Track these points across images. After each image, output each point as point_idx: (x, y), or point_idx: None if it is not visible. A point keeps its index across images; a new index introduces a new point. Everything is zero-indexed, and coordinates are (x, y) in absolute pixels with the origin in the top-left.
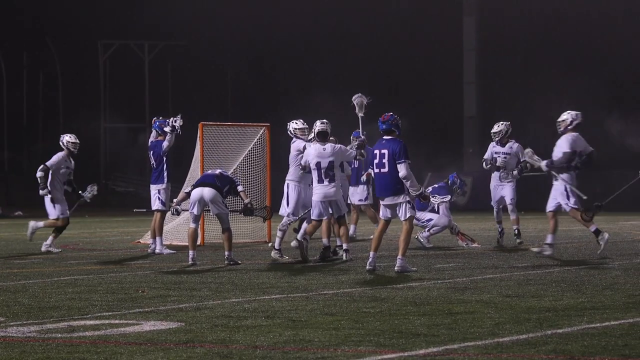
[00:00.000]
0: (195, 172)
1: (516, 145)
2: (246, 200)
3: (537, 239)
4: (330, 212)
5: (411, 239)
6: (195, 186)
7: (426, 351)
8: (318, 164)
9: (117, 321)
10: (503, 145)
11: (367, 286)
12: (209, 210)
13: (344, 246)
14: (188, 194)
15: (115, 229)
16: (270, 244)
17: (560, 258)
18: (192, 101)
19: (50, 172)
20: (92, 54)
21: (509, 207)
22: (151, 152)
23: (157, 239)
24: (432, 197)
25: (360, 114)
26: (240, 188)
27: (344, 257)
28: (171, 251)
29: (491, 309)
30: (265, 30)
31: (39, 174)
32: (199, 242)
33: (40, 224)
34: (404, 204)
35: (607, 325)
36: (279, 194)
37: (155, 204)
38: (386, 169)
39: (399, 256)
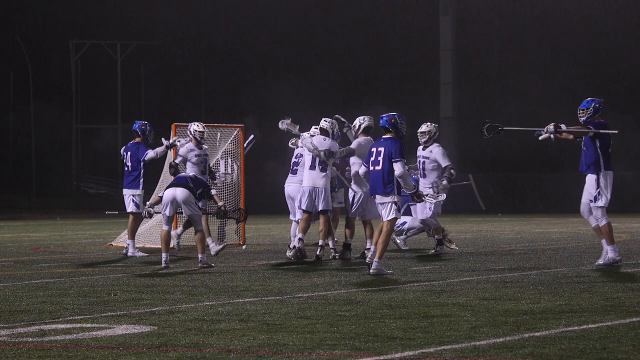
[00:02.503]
0: (167, 174)
1: (437, 149)
2: (220, 203)
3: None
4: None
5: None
6: (167, 187)
7: (402, 355)
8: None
9: (89, 325)
10: (424, 149)
11: (342, 289)
12: (182, 212)
13: (320, 242)
14: (161, 198)
15: (87, 232)
16: (244, 246)
17: (538, 260)
18: (165, 101)
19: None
20: (64, 53)
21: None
22: (128, 153)
23: (130, 241)
24: (425, 196)
25: (296, 130)
26: (213, 192)
27: (317, 252)
28: (144, 254)
29: (468, 312)
30: (240, 30)
31: (171, 170)
32: (172, 245)
33: (179, 230)
34: (390, 204)
35: (585, 328)
36: (252, 196)
37: (130, 206)
38: (380, 167)
39: (376, 258)
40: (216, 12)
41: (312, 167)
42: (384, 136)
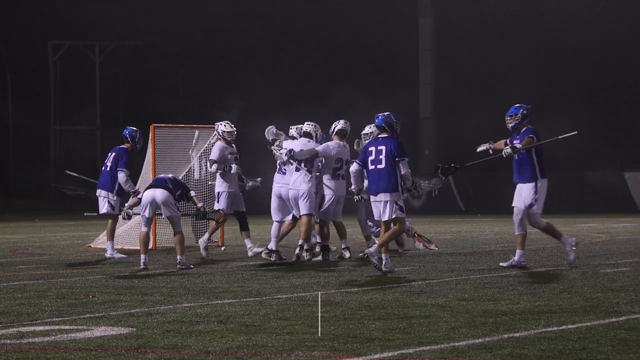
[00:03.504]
0: (147, 175)
1: None
2: (199, 205)
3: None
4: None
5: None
6: (146, 188)
7: (381, 356)
8: (340, 160)
9: (67, 327)
10: None
11: (321, 290)
12: (161, 213)
13: (300, 241)
14: (140, 199)
15: (66, 233)
16: (223, 248)
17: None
18: (144, 102)
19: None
20: (42, 54)
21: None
22: (112, 154)
23: (109, 243)
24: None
25: (281, 139)
26: (192, 193)
27: (297, 252)
28: (122, 255)
29: (447, 313)
30: (219, 30)
31: (216, 169)
32: (150, 246)
33: (205, 237)
34: (391, 202)
35: (564, 328)
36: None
37: (105, 207)
38: (382, 165)
39: (384, 255)
40: (195, 12)
41: (297, 170)
42: (380, 135)
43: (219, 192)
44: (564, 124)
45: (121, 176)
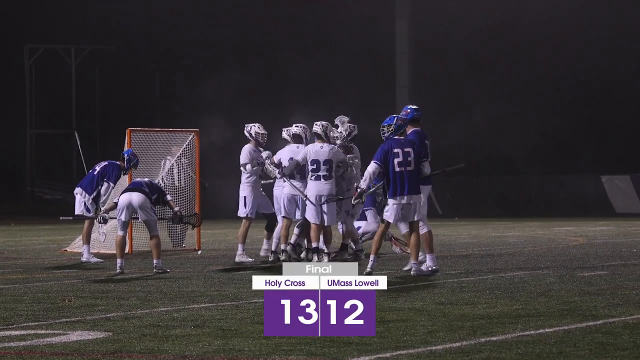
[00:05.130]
0: (123, 179)
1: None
2: (175, 209)
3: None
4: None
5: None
6: (123, 192)
7: None
8: (317, 161)
9: (43, 331)
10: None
11: None
12: (137, 217)
13: (282, 246)
14: (116, 204)
15: (42, 237)
16: (200, 252)
17: (494, 265)
18: (120, 106)
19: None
20: (18, 58)
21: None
22: (104, 164)
23: (85, 246)
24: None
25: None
26: (168, 197)
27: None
28: (98, 260)
29: (424, 317)
30: (195, 34)
31: (251, 169)
32: (127, 250)
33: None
34: (418, 204)
35: (542, 332)
36: (207, 200)
37: (80, 208)
38: (412, 167)
39: (413, 260)
40: (172, 15)
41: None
42: (396, 137)
43: (245, 196)
44: (541, 129)
45: (105, 187)
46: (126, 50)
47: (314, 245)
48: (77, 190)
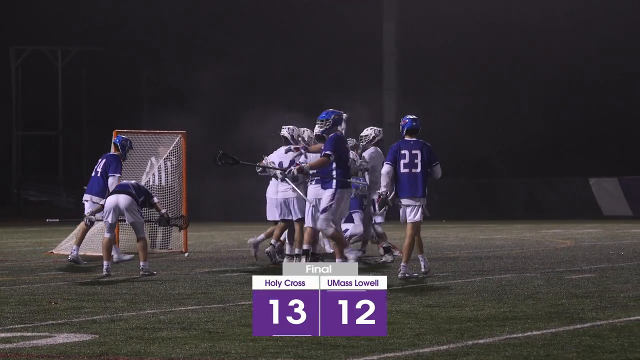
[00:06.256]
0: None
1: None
2: (162, 211)
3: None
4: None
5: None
6: (110, 194)
7: None
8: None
9: (29, 334)
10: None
11: None
12: (124, 220)
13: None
14: (103, 206)
15: (28, 240)
16: (187, 254)
17: (482, 267)
18: (107, 108)
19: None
20: (4, 60)
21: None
22: (103, 161)
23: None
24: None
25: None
26: (155, 200)
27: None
28: (128, 257)
29: (411, 319)
30: (181, 35)
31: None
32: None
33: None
34: (420, 207)
35: (529, 335)
36: (194, 203)
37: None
38: (419, 170)
39: (403, 263)
40: (158, 16)
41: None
42: (407, 138)
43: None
44: (529, 131)
45: (112, 180)
46: (113, 52)
47: (305, 247)
48: (86, 197)
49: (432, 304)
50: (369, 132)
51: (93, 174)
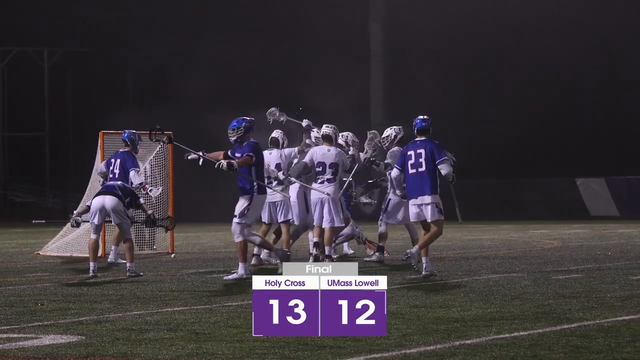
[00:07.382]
0: (95, 182)
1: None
2: (149, 212)
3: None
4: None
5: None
6: (96, 195)
7: None
8: (322, 164)
9: (15, 335)
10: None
11: None
12: (110, 220)
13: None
14: (89, 207)
15: (14, 241)
16: (173, 255)
17: (469, 267)
18: (93, 109)
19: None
20: None
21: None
22: (117, 160)
23: (113, 247)
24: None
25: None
26: (141, 200)
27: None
28: (123, 261)
29: (398, 320)
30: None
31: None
32: (99, 254)
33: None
34: (434, 204)
35: (516, 335)
36: (181, 204)
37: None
38: (423, 168)
39: (425, 258)
40: (146, 17)
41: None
42: (417, 138)
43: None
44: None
45: (133, 174)
46: (99, 53)
47: (316, 241)
48: None
49: (419, 304)
50: (389, 132)
51: (111, 176)
